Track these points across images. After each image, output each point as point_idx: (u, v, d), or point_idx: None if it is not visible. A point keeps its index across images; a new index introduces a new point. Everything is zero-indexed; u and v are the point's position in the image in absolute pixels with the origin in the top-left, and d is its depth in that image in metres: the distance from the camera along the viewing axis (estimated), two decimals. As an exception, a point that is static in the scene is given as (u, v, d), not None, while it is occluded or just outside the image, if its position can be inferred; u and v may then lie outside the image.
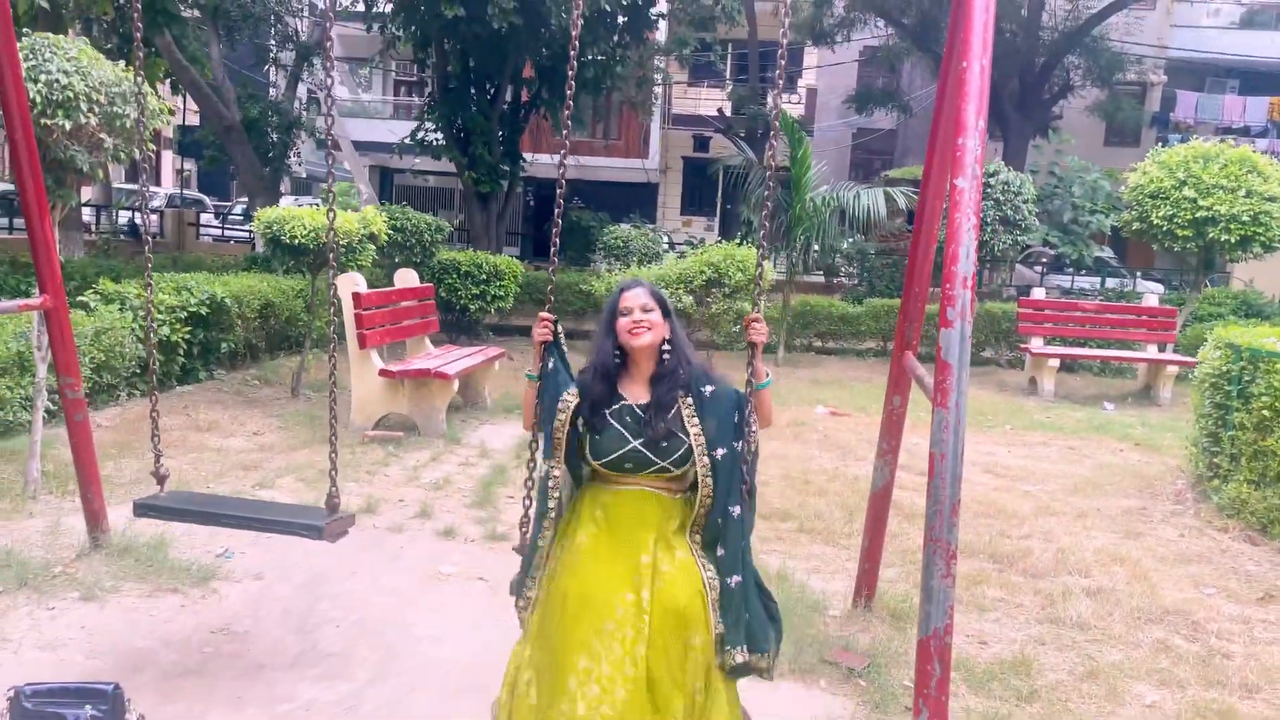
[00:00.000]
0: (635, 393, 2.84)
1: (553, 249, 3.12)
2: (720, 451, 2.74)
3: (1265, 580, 4.81)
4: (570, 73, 3.06)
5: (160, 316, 7.56)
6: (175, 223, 19.57)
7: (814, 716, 3.31)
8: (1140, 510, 6.06)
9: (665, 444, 2.75)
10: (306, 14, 19.17)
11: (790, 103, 24.72)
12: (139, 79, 3.73)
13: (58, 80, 4.59)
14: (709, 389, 2.83)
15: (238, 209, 24.71)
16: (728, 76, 25.59)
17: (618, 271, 9.82)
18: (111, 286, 7.59)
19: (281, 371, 9.12)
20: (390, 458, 6.38)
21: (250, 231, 18.89)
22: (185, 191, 26.99)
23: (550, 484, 2.82)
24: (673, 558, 2.72)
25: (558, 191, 2.99)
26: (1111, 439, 8.39)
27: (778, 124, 2.94)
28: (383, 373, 6.88)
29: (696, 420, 2.79)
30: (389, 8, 13.82)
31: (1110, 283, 16.28)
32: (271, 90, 20.65)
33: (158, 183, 29.80)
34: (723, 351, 10.20)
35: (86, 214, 17.61)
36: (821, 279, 16.30)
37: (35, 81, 4.57)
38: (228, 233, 22.84)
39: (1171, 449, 7.83)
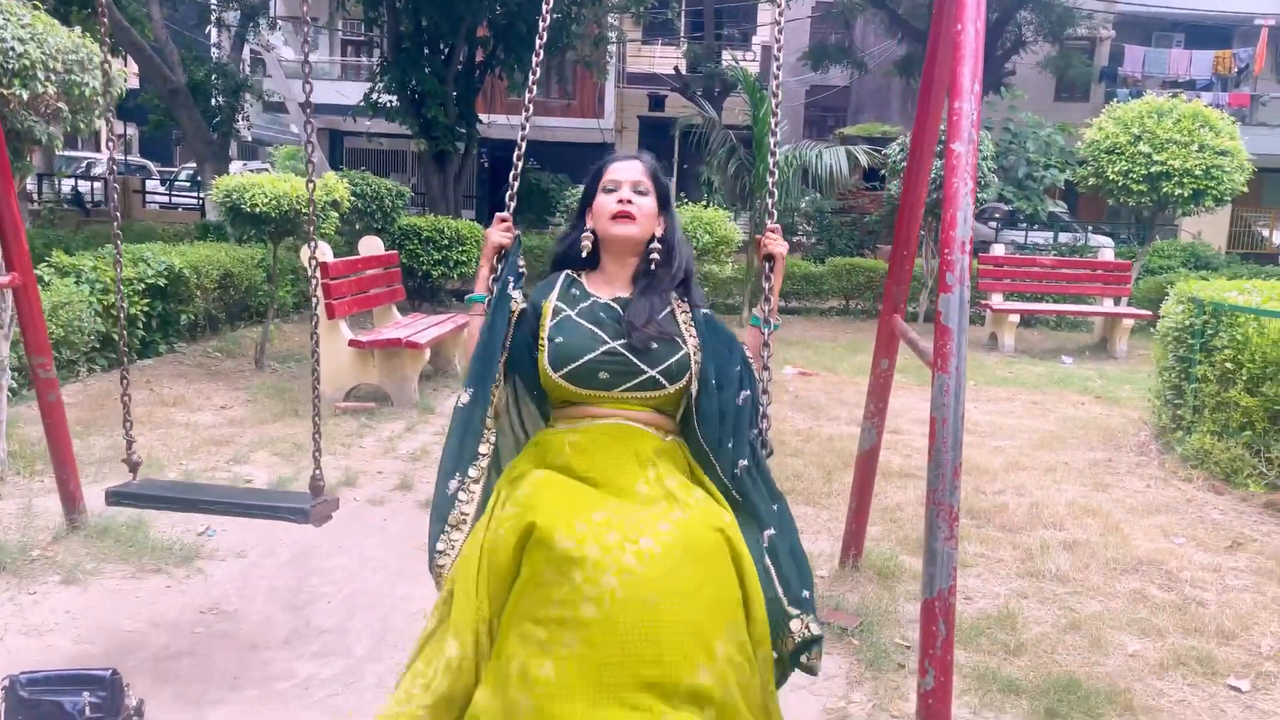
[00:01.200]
0: (611, 293, 2.29)
1: (517, 156, 2.49)
2: (722, 388, 2.20)
3: (1231, 528, 4.96)
4: (541, 37, 2.53)
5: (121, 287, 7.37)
6: (121, 190, 19.04)
7: (810, 677, 3.36)
8: (1106, 462, 6.21)
9: (656, 346, 2.15)
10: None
11: (746, 60, 24.59)
12: (106, 45, 3.60)
13: (13, 48, 4.41)
14: (706, 311, 2.33)
15: (183, 175, 24.12)
16: (682, 34, 25.38)
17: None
18: (66, 259, 7.38)
19: (244, 343, 8.96)
20: (364, 429, 6.32)
21: (199, 198, 18.48)
22: (129, 158, 26.21)
23: (485, 423, 2.21)
24: (685, 498, 2.07)
25: (520, 146, 2.52)
26: (1073, 392, 8.57)
27: (776, 88, 2.85)
28: (352, 343, 6.79)
29: (695, 331, 2.25)
30: (337, -35, 13.47)
31: (1064, 237, 16.51)
32: (215, 51, 20.07)
33: (97, 149, 28.93)
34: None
35: (29, 183, 17.07)
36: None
37: (-12, 49, 4.41)
38: (175, 199, 22.26)
39: (1131, 401, 8.02)
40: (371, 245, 8.01)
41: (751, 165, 11.88)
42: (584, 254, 2.29)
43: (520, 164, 2.52)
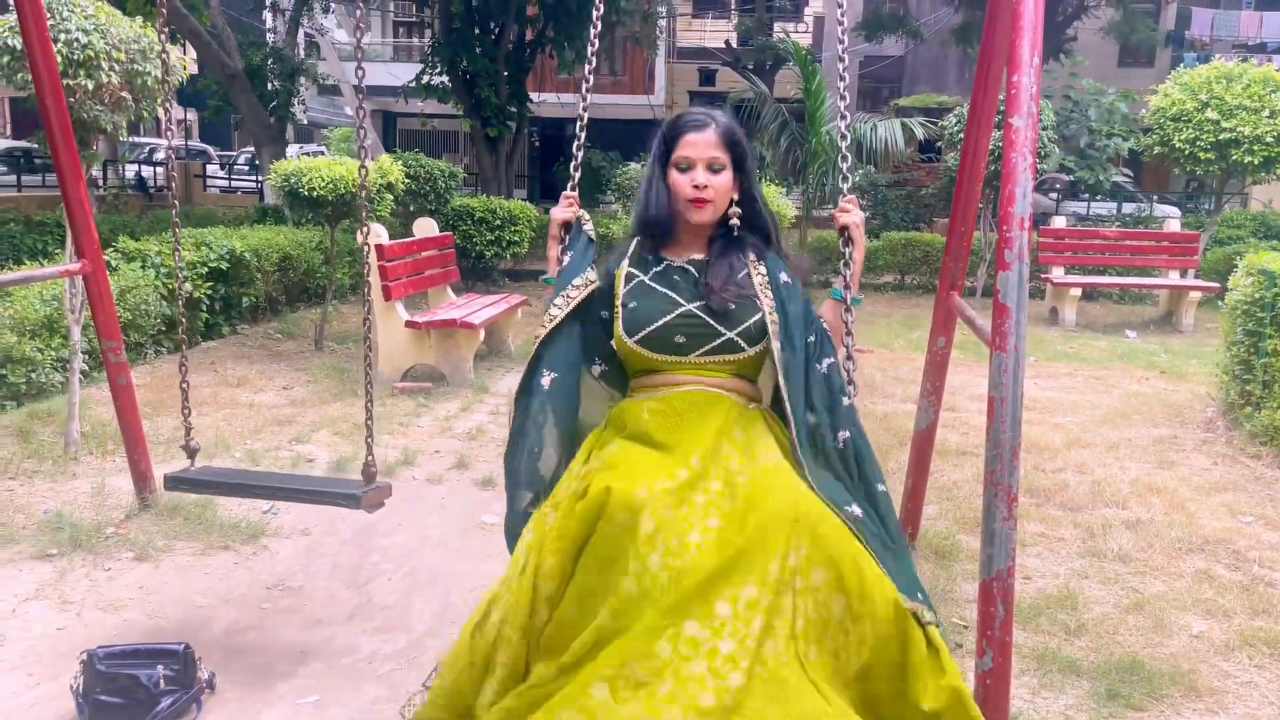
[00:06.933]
0: (685, 256, 2.23)
1: (577, 147, 2.49)
2: (800, 340, 2.12)
3: (1302, 507, 4.83)
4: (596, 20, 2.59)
5: (182, 273, 7.55)
6: (182, 175, 19.44)
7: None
8: (1171, 439, 6.08)
9: (734, 306, 2.08)
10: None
11: (798, 32, 24.28)
12: (163, 35, 3.67)
13: (77, 39, 4.53)
14: (784, 276, 2.24)
15: (242, 159, 24.52)
16: (733, 7, 25.10)
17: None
18: (132, 244, 7.58)
19: (303, 324, 9.13)
20: (421, 408, 6.41)
21: (258, 181, 18.79)
22: (189, 143, 26.73)
23: (540, 391, 2.11)
24: (754, 462, 1.98)
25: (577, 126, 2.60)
26: (1136, 368, 8.38)
27: (843, 53, 2.84)
28: (409, 324, 6.88)
29: (771, 293, 2.14)
30: (389, -53, 13.54)
31: (1128, 208, 16.10)
32: (270, 36, 20.32)
33: (159, 134, 29.53)
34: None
35: (94, 169, 17.50)
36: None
37: (55, 41, 4.52)
38: (234, 183, 22.67)
39: (1197, 376, 7.82)
40: (425, 227, 8.10)
41: (803, 139, 11.75)
42: (666, 228, 2.19)
43: (580, 146, 2.51)
